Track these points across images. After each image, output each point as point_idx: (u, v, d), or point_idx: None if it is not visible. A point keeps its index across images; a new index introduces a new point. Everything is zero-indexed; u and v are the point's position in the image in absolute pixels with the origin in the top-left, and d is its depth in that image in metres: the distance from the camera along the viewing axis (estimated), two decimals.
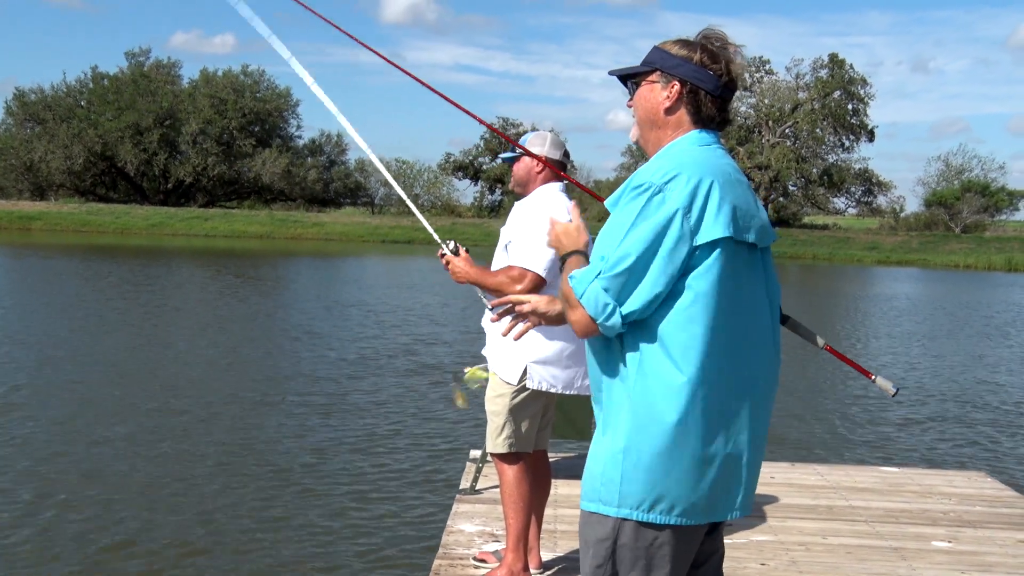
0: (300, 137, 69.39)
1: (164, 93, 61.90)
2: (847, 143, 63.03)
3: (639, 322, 2.07)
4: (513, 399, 3.68)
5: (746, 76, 56.70)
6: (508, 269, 3.59)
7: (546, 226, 3.55)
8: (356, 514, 6.15)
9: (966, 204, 62.12)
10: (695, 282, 2.04)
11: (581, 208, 2.45)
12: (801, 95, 61.56)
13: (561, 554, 4.17)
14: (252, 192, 65.48)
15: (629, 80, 2.27)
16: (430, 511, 6.21)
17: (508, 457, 3.72)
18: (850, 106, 61.75)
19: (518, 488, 3.70)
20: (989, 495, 5.45)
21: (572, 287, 2.10)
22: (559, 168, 3.75)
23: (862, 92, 61.75)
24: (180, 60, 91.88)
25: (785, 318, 2.34)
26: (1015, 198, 68.57)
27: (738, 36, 2.21)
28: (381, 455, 7.58)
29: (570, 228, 2.29)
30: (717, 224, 2.04)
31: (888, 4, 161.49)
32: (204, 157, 61.42)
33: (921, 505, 5.20)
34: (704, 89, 2.16)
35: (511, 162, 3.84)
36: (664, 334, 2.05)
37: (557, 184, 3.78)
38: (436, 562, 4.08)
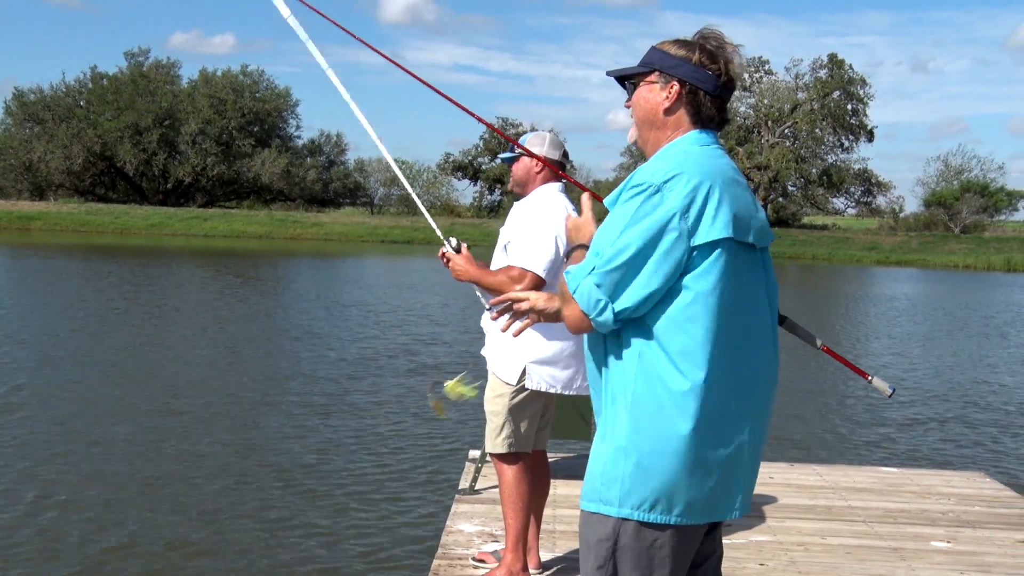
0: (299, 137, 69.57)
1: (163, 93, 61.92)
2: (846, 143, 63.10)
3: (638, 322, 2.07)
4: (512, 399, 3.69)
5: (745, 76, 56.72)
6: (508, 269, 3.60)
7: (555, 224, 3.57)
8: (356, 514, 6.15)
9: (965, 204, 62.16)
10: (694, 283, 2.04)
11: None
12: (800, 95, 61.58)
13: (560, 554, 4.17)
14: (251, 192, 65.50)
15: (627, 81, 2.27)
16: (429, 511, 6.21)
17: (507, 457, 3.72)
18: (849, 106, 61.77)
19: (517, 488, 3.70)
20: (988, 495, 5.45)
21: (566, 281, 2.11)
22: (558, 168, 3.75)
23: (861, 92, 61.79)
24: (179, 60, 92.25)
25: (782, 319, 2.34)
26: (1014, 198, 68.69)
27: (737, 36, 2.21)
28: (381, 455, 7.58)
29: (579, 222, 2.29)
30: (716, 225, 2.04)
31: (887, 4, 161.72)
32: (203, 157, 61.44)
33: (920, 505, 5.20)
34: (703, 89, 2.16)
35: (510, 162, 3.84)
36: (664, 334, 2.05)
37: (556, 184, 3.78)
38: (435, 562, 4.08)
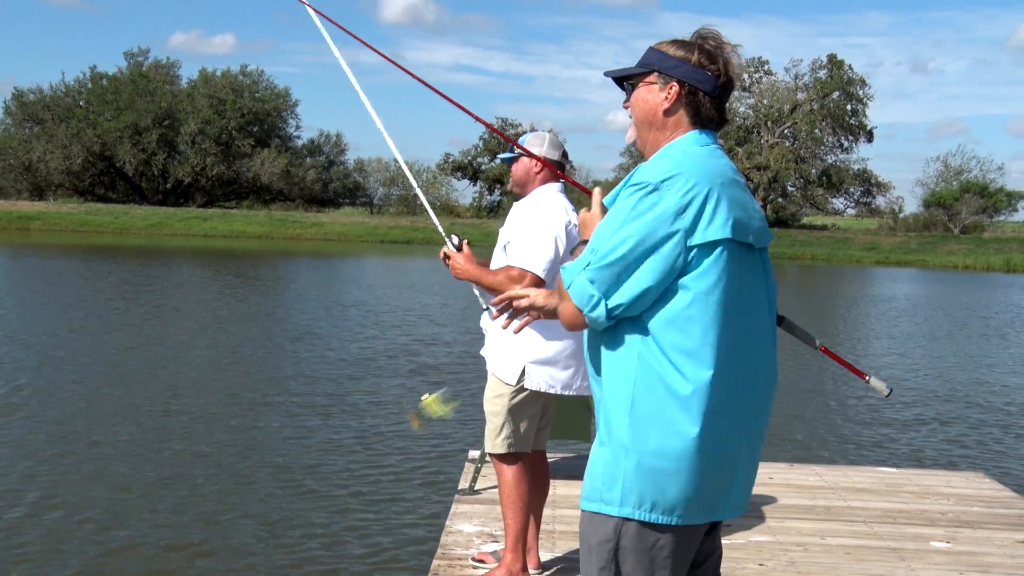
0: (299, 137, 69.56)
1: (163, 93, 61.91)
2: (846, 144, 63.08)
3: (637, 322, 2.07)
4: (512, 399, 3.69)
5: (745, 77, 56.73)
6: (507, 269, 3.59)
7: (555, 224, 3.57)
8: (356, 514, 6.15)
9: (965, 205, 62.15)
10: (693, 283, 2.04)
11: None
12: (800, 96, 61.57)
13: (560, 554, 4.17)
14: (251, 192, 65.48)
15: (626, 81, 2.26)
16: (429, 511, 6.21)
17: (507, 457, 3.72)
18: (849, 107, 61.77)
19: (517, 488, 3.70)
20: (987, 496, 5.45)
21: (562, 277, 2.12)
22: (558, 168, 3.75)
23: (861, 93, 61.78)
24: (179, 60, 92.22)
25: (781, 319, 2.34)
26: (1014, 199, 68.67)
27: (737, 37, 2.21)
28: (381, 456, 7.58)
29: (587, 217, 2.29)
30: (714, 225, 2.04)
31: (887, 5, 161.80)
32: (203, 157, 61.42)
33: (919, 506, 5.20)
34: (702, 90, 2.16)
35: (510, 162, 3.84)
36: (663, 334, 2.05)
37: (556, 184, 3.78)
38: (435, 562, 4.08)
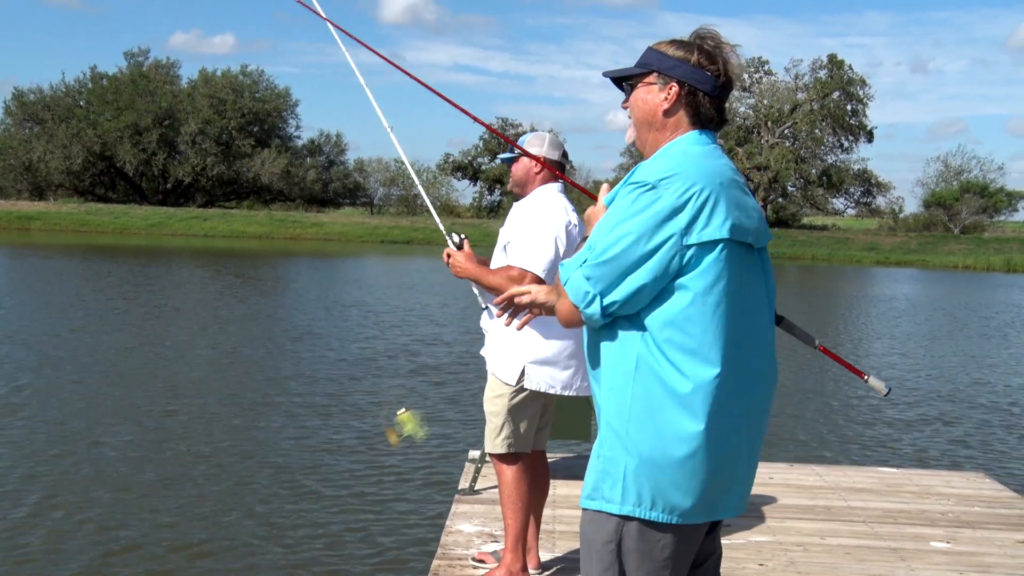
0: (299, 137, 69.60)
1: (163, 93, 61.92)
2: (846, 144, 63.10)
3: (636, 321, 2.07)
4: (512, 400, 3.69)
5: (745, 77, 56.73)
6: (507, 269, 3.59)
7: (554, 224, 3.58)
8: (355, 514, 6.15)
9: (965, 205, 62.15)
10: (691, 282, 2.04)
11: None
12: (800, 96, 61.58)
13: (560, 554, 4.17)
14: (251, 192, 65.50)
15: (625, 82, 2.26)
16: (429, 512, 6.21)
17: (507, 457, 3.72)
18: (849, 107, 61.78)
19: (516, 488, 3.70)
20: (987, 496, 5.45)
21: (559, 273, 2.13)
22: (558, 169, 3.75)
23: (861, 93, 61.79)
24: (179, 60, 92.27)
25: (779, 319, 2.34)
26: (1014, 199, 68.67)
27: (737, 37, 2.21)
28: (381, 456, 7.58)
29: (592, 212, 2.29)
30: (712, 225, 2.04)
31: (887, 5, 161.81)
32: (203, 157, 61.43)
33: (919, 506, 5.20)
34: (702, 90, 2.16)
35: (510, 163, 3.84)
36: (662, 334, 2.05)
37: (556, 185, 3.77)
38: (435, 562, 4.08)
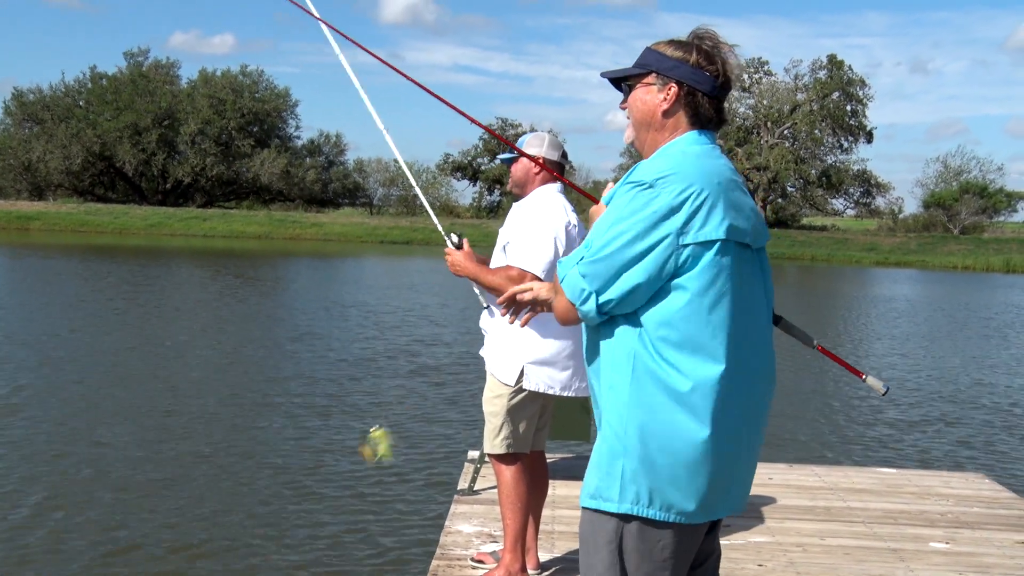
0: (299, 137, 69.63)
1: (163, 93, 61.94)
2: (845, 144, 63.15)
3: (634, 320, 2.08)
4: (511, 400, 3.68)
5: (744, 77, 56.75)
6: (506, 269, 3.59)
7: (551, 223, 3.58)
8: (355, 515, 6.15)
9: (964, 205, 62.19)
10: (688, 282, 2.04)
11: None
12: (800, 96, 61.61)
13: (559, 555, 4.17)
14: (251, 192, 65.51)
15: (623, 82, 2.26)
16: (429, 512, 6.21)
17: (506, 458, 3.72)
18: (849, 107, 61.82)
19: (516, 489, 3.70)
20: (987, 496, 5.45)
21: (557, 271, 2.15)
22: (557, 169, 3.74)
23: (860, 93, 61.83)
24: (179, 60, 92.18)
25: (777, 319, 2.34)
26: (1013, 199, 68.73)
27: (736, 37, 2.21)
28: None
29: (595, 210, 2.29)
30: (709, 225, 2.04)
31: (886, 5, 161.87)
32: (203, 157, 61.44)
33: (919, 506, 5.20)
34: (701, 91, 2.16)
35: (509, 163, 3.84)
36: (659, 333, 2.05)
37: (555, 185, 3.77)
38: (434, 563, 4.07)
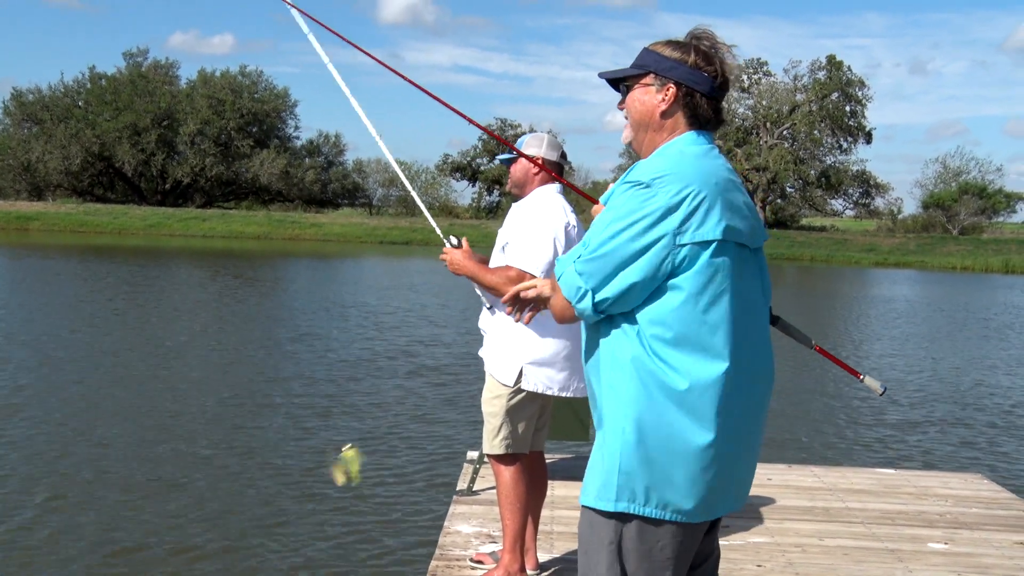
0: (298, 138, 69.62)
1: (162, 93, 61.92)
2: (845, 145, 63.17)
3: (631, 319, 2.08)
4: (510, 400, 3.69)
5: (744, 78, 56.79)
6: (506, 269, 3.59)
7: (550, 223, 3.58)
8: (354, 515, 6.15)
9: (963, 206, 62.21)
10: (685, 282, 2.05)
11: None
12: (799, 97, 61.62)
13: (558, 555, 4.17)
14: (250, 193, 65.50)
15: (621, 83, 2.26)
16: (427, 512, 6.21)
17: (505, 458, 3.72)
18: (848, 108, 61.84)
19: (515, 489, 3.70)
20: (986, 497, 5.45)
21: (555, 269, 2.16)
22: (556, 170, 3.75)
23: (860, 94, 61.86)
24: (178, 60, 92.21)
25: (775, 319, 2.34)
26: (1012, 200, 68.77)
27: (736, 38, 2.22)
28: (379, 456, 7.58)
29: (597, 210, 2.29)
30: (707, 226, 2.05)
31: (886, 6, 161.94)
32: (202, 158, 61.43)
33: (917, 507, 5.20)
34: (700, 91, 2.16)
35: (509, 163, 3.84)
36: (657, 333, 2.06)
37: (554, 185, 3.77)
38: (433, 563, 4.08)
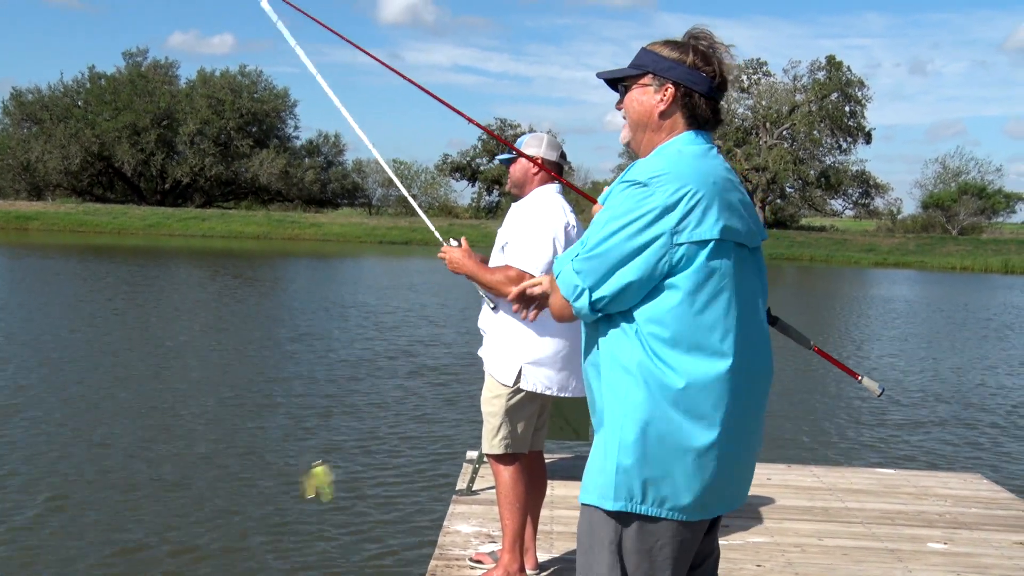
0: (298, 138, 69.69)
1: (161, 93, 61.93)
2: (844, 145, 63.17)
3: (629, 318, 2.08)
4: (509, 400, 3.69)
5: (743, 78, 56.74)
6: (505, 269, 3.59)
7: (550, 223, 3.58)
8: (354, 515, 6.15)
9: (963, 206, 62.24)
10: (683, 281, 2.05)
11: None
12: (799, 97, 61.60)
13: (557, 555, 4.17)
14: (249, 192, 65.51)
15: (620, 83, 2.26)
16: (427, 512, 6.21)
17: (504, 458, 3.72)
18: (847, 108, 61.84)
19: (514, 489, 3.70)
20: (985, 497, 5.45)
21: (553, 267, 2.17)
22: (556, 169, 3.75)
23: (859, 94, 61.86)
24: (178, 60, 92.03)
25: (774, 320, 2.34)
26: (1012, 200, 68.82)
27: (735, 38, 2.23)
28: (379, 456, 7.58)
29: (597, 210, 2.29)
30: (704, 225, 2.05)
31: (885, 6, 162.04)
32: (201, 157, 61.44)
33: (917, 507, 5.20)
34: (698, 91, 2.16)
35: (508, 163, 3.84)
36: (654, 332, 2.06)
37: (554, 185, 3.77)
38: (432, 563, 4.08)
